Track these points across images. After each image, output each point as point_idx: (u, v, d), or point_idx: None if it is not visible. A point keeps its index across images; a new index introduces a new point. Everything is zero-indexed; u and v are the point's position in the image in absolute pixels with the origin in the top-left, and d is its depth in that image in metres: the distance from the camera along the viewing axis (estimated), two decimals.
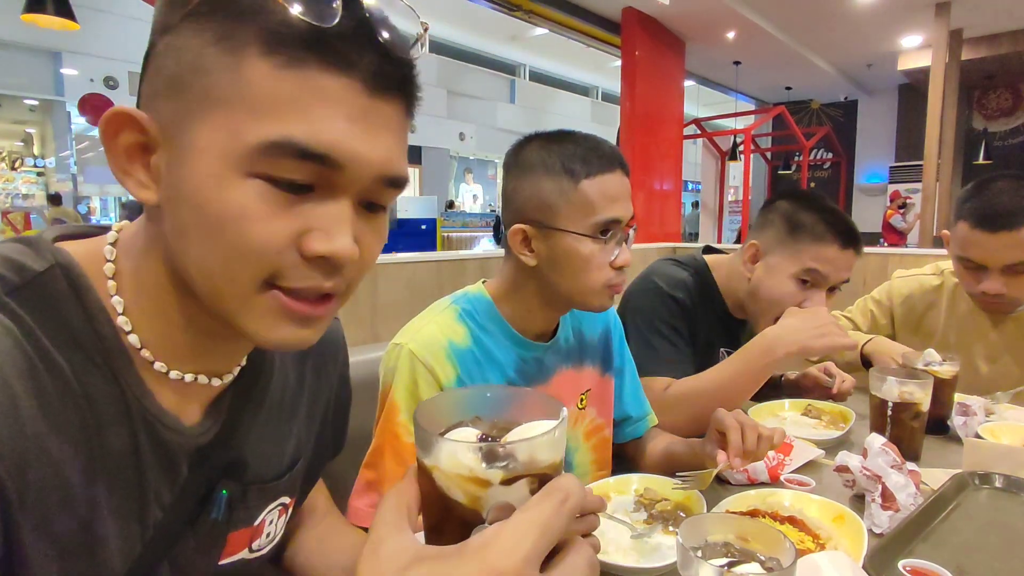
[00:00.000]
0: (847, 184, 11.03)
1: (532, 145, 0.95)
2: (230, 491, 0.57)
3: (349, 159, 0.44)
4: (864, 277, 2.63)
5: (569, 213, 0.90)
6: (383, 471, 0.88)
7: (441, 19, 10.54)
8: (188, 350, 0.52)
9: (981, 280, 1.37)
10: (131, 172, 0.46)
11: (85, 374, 0.46)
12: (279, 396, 0.64)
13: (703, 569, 0.54)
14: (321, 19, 0.41)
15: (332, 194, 0.45)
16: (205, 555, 0.57)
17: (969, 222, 1.34)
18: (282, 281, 0.46)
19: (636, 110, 6.30)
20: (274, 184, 0.43)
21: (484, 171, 14.98)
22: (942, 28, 6.14)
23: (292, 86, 0.42)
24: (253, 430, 0.60)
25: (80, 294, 0.47)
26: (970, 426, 1.18)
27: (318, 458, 0.73)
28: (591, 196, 0.89)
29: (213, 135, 0.43)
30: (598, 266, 0.91)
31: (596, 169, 0.90)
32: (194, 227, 0.44)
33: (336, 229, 0.45)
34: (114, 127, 0.45)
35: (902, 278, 1.65)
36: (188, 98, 0.43)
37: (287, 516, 0.67)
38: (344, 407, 0.78)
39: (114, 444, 0.48)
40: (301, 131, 0.42)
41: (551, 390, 1.01)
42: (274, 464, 0.63)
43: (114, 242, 0.51)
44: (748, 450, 0.90)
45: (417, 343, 0.90)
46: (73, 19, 3.89)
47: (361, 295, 1.95)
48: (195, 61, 0.43)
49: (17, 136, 9.96)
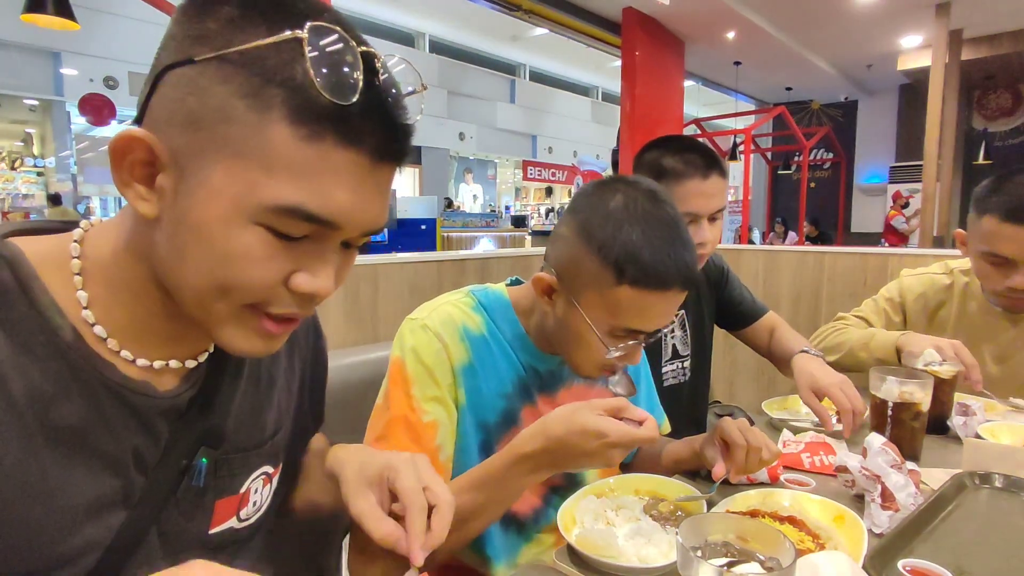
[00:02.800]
0: (847, 184, 11.03)
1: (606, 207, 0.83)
2: (211, 459, 0.60)
3: (346, 221, 0.49)
4: (865, 277, 2.63)
5: (595, 302, 0.83)
6: (395, 446, 0.85)
7: (441, 19, 10.55)
8: (160, 338, 0.56)
9: (1008, 275, 1.34)
10: (133, 186, 0.48)
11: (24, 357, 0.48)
12: (256, 366, 0.66)
13: (703, 569, 0.54)
14: (343, 96, 0.45)
15: (322, 242, 0.50)
16: (192, 522, 0.60)
17: (998, 216, 1.32)
18: (266, 308, 0.51)
19: (636, 110, 6.30)
20: (275, 234, 0.48)
21: (484, 171, 14.99)
22: (942, 28, 6.14)
23: (310, 157, 0.46)
24: (233, 398, 0.63)
25: (24, 284, 0.50)
26: (970, 426, 1.18)
27: (299, 430, 0.75)
28: (623, 303, 0.81)
29: (227, 179, 0.46)
30: (600, 354, 0.86)
31: (650, 284, 0.80)
32: (195, 253, 0.48)
33: (322, 272, 0.51)
34: (124, 147, 0.47)
35: (912, 276, 1.64)
36: (205, 137, 0.46)
37: (272, 486, 0.69)
38: (320, 380, 0.80)
39: (65, 417, 0.50)
40: (311, 200, 0.46)
41: (559, 401, 0.98)
42: (255, 433, 0.65)
43: (80, 239, 0.54)
44: (750, 466, 0.91)
45: (433, 319, 0.89)
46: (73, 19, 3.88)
47: (361, 295, 1.95)
48: (220, 108, 0.45)
49: (17, 136, 9.96)
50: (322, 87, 0.44)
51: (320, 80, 0.44)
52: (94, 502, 0.52)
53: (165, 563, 0.57)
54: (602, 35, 6.60)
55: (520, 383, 0.95)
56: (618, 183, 0.86)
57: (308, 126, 0.45)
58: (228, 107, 0.45)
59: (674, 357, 1.45)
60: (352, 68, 0.46)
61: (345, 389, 1.02)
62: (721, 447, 0.93)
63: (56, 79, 8.54)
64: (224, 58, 0.45)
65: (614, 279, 0.80)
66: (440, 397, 0.88)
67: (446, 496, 0.60)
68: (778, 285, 2.89)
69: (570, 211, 0.88)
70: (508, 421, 0.94)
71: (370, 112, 0.47)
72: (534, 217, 11.65)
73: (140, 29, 8.04)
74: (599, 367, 0.90)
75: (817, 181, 11.40)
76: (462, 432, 0.91)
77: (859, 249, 2.77)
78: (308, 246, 0.50)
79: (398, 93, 0.49)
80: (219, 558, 0.62)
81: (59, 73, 8.49)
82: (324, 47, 0.45)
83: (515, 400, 0.94)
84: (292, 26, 0.45)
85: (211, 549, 0.62)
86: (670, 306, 0.84)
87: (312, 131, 0.45)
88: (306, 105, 0.45)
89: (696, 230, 1.28)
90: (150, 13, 3.86)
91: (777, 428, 1.28)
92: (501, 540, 0.95)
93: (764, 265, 2.94)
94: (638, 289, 0.80)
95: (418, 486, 0.59)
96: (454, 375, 0.89)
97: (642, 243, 0.79)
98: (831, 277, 2.73)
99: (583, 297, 0.84)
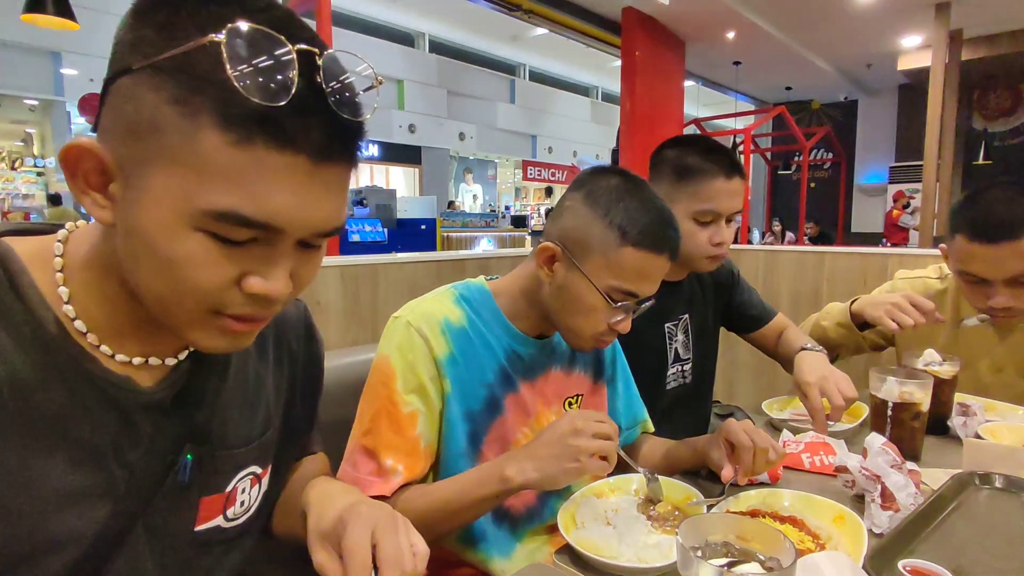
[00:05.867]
0: (847, 184, 11.04)
1: (608, 182, 0.93)
2: (195, 455, 0.60)
3: (288, 224, 0.48)
4: (864, 277, 2.63)
5: (599, 264, 0.90)
6: (380, 439, 0.90)
7: (441, 19, 10.55)
8: (137, 336, 0.57)
9: (987, 294, 1.30)
10: (89, 193, 0.49)
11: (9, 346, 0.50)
12: (242, 366, 0.67)
13: (703, 569, 0.54)
14: (271, 98, 0.44)
15: (270, 245, 0.50)
16: (178, 518, 0.61)
17: (966, 234, 1.28)
18: (225, 310, 0.51)
19: (636, 110, 6.31)
20: (217, 239, 0.47)
21: (484, 171, 14.98)
22: (942, 28, 6.15)
23: (241, 162, 0.45)
24: (219, 397, 0.63)
25: (12, 278, 0.52)
26: (970, 426, 1.18)
27: (290, 431, 0.75)
28: (626, 264, 0.89)
29: (166, 186, 0.46)
30: (597, 319, 0.93)
31: (648, 245, 0.89)
32: (145, 259, 0.49)
33: (272, 273, 0.50)
34: (74, 158, 0.48)
35: (907, 279, 1.61)
36: (144, 145, 0.46)
37: (260, 487, 0.69)
38: (314, 383, 0.80)
39: (46, 406, 0.51)
40: (246, 204, 0.46)
41: (538, 388, 1.01)
42: (242, 432, 0.66)
43: (64, 239, 0.56)
44: (757, 468, 0.93)
45: (414, 315, 0.93)
46: (73, 19, 3.88)
47: (361, 295, 1.95)
48: (152, 117, 0.45)
49: (17, 136, 9.96)
50: (245, 90, 0.43)
51: (242, 83, 0.43)
52: (75, 491, 0.53)
53: (152, 557, 0.58)
54: (602, 35, 6.60)
55: (501, 372, 0.97)
56: (613, 170, 0.97)
57: (237, 130, 0.44)
58: (160, 115, 0.45)
59: (676, 360, 1.45)
60: (283, 68, 0.44)
61: (345, 389, 1.02)
62: (727, 449, 0.94)
63: (56, 79, 8.53)
64: (156, 66, 0.44)
65: (618, 241, 0.89)
66: (421, 388, 0.91)
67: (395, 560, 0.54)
68: (778, 285, 2.89)
69: (573, 188, 0.96)
70: (492, 410, 0.97)
71: (306, 112, 0.45)
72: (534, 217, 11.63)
73: None
74: (593, 335, 0.94)
75: (817, 181, 11.40)
76: (449, 420, 0.94)
77: (859, 249, 2.77)
78: (257, 249, 0.49)
79: (343, 89, 0.47)
80: (208, 556, 0.64)
81: (59, 73, 8.48)
82: (245, 48, 0.44)
83: (497, 388, 0.97)
84: (217, 29, 0.43)
85: (198, 546, 0.63)
86: (660, 273, 0.93)
87: (241, 135, 0.44)
88: (233, 109, 0.44)
89: (716, 230, 1.30)
90: None
91: (777, 428, 1.29)
92: (494, 536, 0.97)
93: (764, 265, 2.94)
94: (640, 250, 0.89)
95: (364, 542, 0.54)
96: (437, 367, 0.92)
97: (641, 211, 0.90)
98: (831, 277, 2.73)
99: (587, 260, 0.91)
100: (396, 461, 0.89)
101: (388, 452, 0.89)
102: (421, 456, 0.92)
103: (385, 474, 0.88)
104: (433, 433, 0.94)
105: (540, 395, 1.01)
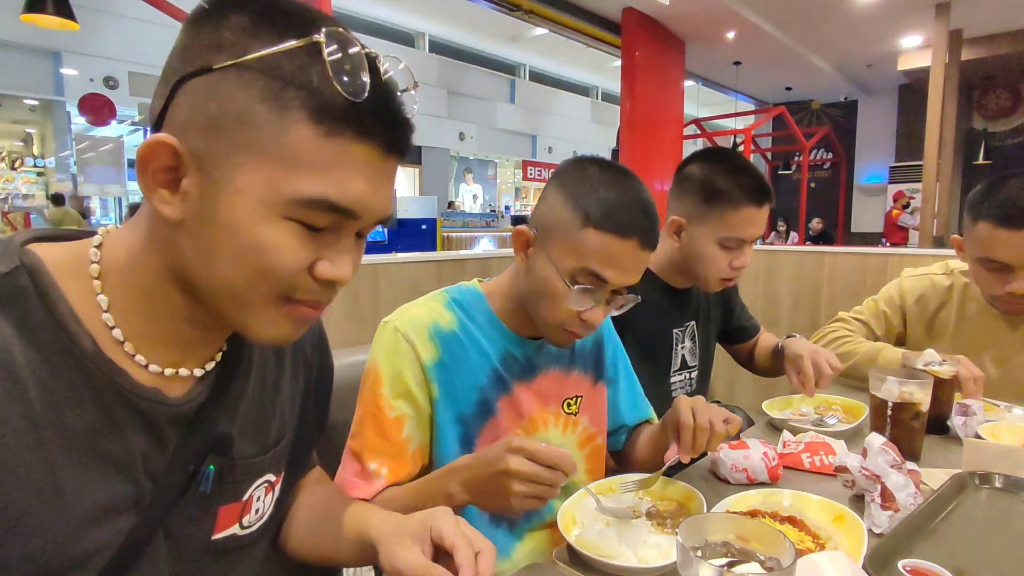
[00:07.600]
0: (847, 184, 11.04)
1: (584, 171, 0.92)
2: (217, 465, 0.61)
3: (364, 209, 0.53)
4: (864, 277, 2.63)
5: (563, 244, 0.90)
6: (365, 442, 0.91)
7: (441, 19, 10.55)
8: (174, 343, 0.58)
9: (1005, 281, 1.33)
10: (156, 191, 0.51)
11: (40, 363, 0.50)
12: (262, 374, 0.68)
13: (703, 569, 0.54)
14: (358, 95, 0.49)
15: (341, 231, 0.54)
16: (198, 527, 0.61)
17: (991, 221, 1.31)
18: (293, 295, 0.54)
19: (636, 110, 6.31)
20: (303, 225, 0.51)
21: (484, 171, 14.98)
22: (942, 28, 6.15)
23: (330, 152, 0.49)
24: (240, 406, 0.64)
25: (42, 292, 0.51)
26: (970, 426, 1.18)
27: (302, 437, 0.76)
28: (587, 245, 0.88)
29: (252, 179, 0.49)
30: (561, 306, 0.90)
31: (610, 228, 0.87)
32: (225, 249, 0.51)
33: (342, 260, 0.54)
34: (151, 153, 0.50)
35: (913, 277, 1.63)
36: (227, 140, 0.49)
37: (274, 495, 0.70)
38: (325, 385, 0.81)
39: (78, 422, 0.51)
40: (334, 191, 0.50)
41: (535, 388, 1.01)
42: (260, 440, 0.67)
43: (99, 245, 0.56)
44: (698, 446, 0.92)
45: (402, 321, 0.94)
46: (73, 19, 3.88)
47: (361, 295, 1.95)
48: (241, 112, 0.48)
49: (17, 136, 9.96)
50: (341, 87, 0.48)
51: (339, 81, 0.48)
52: (105, 506, 0.53)
53: (169, 566, 0.59)
54: (602, 35, 6.60)
55: (495, 374, 0.97)
56: (594, 159, 0.96)
57: (327, 124, 0.48)
58: (249, 111, 0.48)
59: (683, 368, 1.46)
60: (362, 69, 0.49)
61: (344, 389, 1.02)
62: (675, 430, 0.94)
63: (56, 79, 8.54)
64: (242, 65, 0.48)
65: (581, 222, 0.88)
66: (408, 394, 0.92)
67: (489, 544, 0.63)
68: (778, 285, 2.90)
69: (553, 176, 0.96)
70: (484, 412, 0.97)
71: (378, 109, 0.50)
72: None
73: (140, 29, 8.04)
74: (560, 322, 0.92)
75: (817, 181, 11.40)
76: (439, 424, 0.94)
77: (859, 249, 2.77)
78: (327, 237, 0.53)
79: (398, 91, 0.53)
80: (222, 564, 0.64)
81: (59, 73, 8.48)
82: (340, 50, 0.48)
83: (489, 391, 0.97)
84: (303, 33, 0.48)
85: (214, 553, 0.63)
86: (629, 260, 0.89)
87: (331, 128, 0.49)
88: (324, 105, 0.48)
89: (739, 255, 1.31)
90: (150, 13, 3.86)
91: (777, 428, 1.29)
92: (493, 536, 0.96)
93: (764, 265, 2.93)
94: (602, 232, 0.88)
95: (460, 529, 0.62)
96: (424, 372, 0.93)
97: (611, 195, 0.89)
98: (831, 277, 2.73)
99: (553, 243, 0.91)
100: (380, 464, 0.90)
101: (372, 455, 0.90)
102: (407, 460, 0.92)
103: (368, 477, 0.89)
104: (424, 437, 0.94)
105: (537, 396, 1.01)
